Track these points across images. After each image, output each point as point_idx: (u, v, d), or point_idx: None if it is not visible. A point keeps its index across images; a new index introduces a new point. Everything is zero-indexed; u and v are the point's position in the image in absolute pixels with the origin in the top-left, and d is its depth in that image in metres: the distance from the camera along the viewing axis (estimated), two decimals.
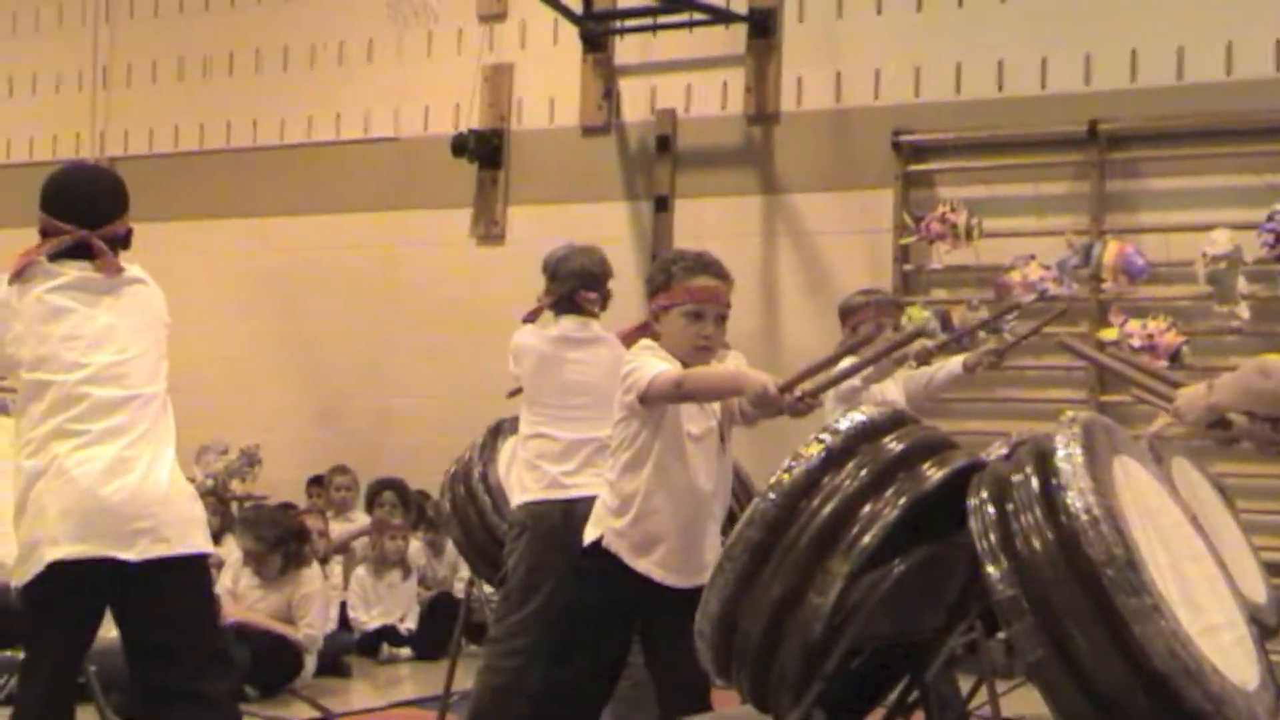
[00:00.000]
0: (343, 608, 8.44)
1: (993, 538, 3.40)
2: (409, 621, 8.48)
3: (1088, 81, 8.21)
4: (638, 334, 4.31)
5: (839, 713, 3.87)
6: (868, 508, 3.55)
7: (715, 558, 3.84)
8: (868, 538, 3.50)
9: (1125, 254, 7.87)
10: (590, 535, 4.23)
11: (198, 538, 4.05)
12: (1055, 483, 3.35)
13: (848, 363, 4.39)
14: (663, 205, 9.14)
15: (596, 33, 9.39)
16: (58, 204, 4.14)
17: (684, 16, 9.05)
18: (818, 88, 8.85)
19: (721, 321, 4.21)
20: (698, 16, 9.00)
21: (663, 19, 9.12)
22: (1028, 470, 3.44)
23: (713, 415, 4.21)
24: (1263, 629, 4.93)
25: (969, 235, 8.15)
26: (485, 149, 9.61)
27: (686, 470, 4.15)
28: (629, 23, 9.33)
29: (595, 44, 9.45)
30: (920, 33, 8.64)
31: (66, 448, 3.93)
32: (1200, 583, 3.63)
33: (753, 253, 8.87)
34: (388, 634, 8.37)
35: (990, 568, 3.38)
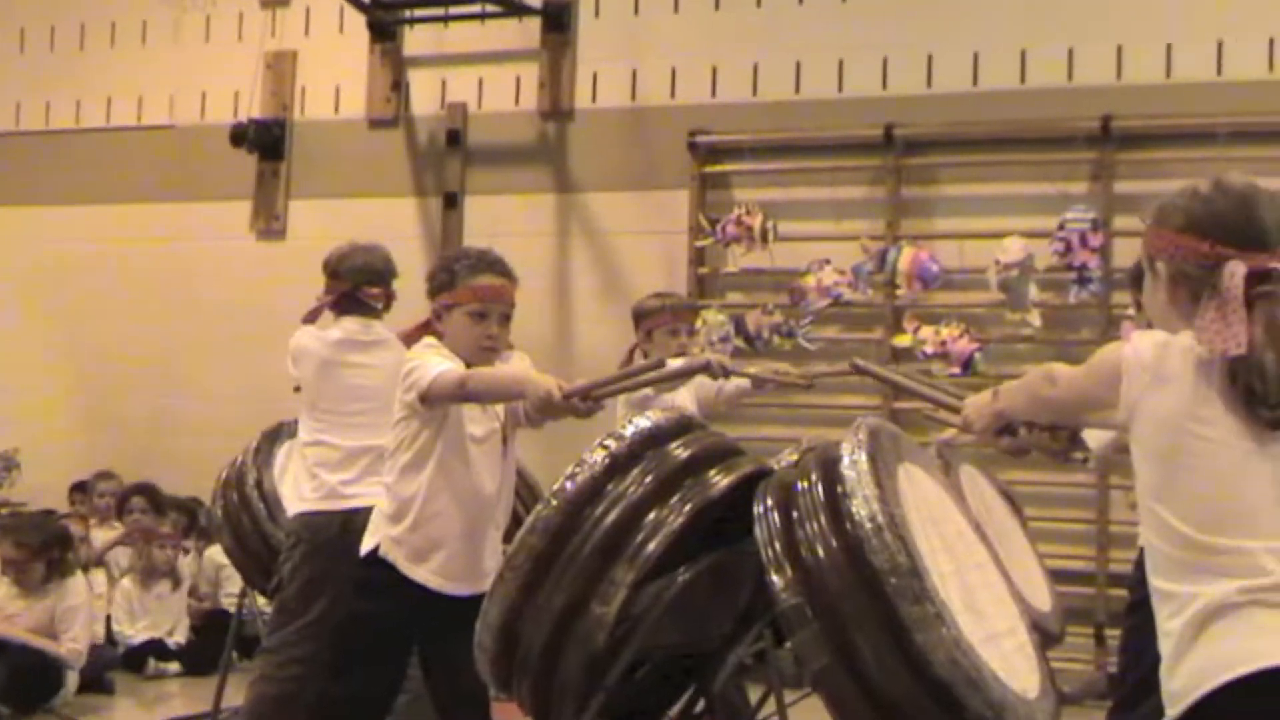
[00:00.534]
0: (107, 620, 8.23)
1: (778, 545, 3.47)
2: (178, 635, 8.31)
3: (884, 85, 8.40)
4: (420, 333, 4.29)
5: None
6: (653, 515, 3.59)
7: (497, 565, 3.84)
8: (652, 545, 3.54)
9: (920, 260, 8.06)
10: (367, 544, 4.19)
11: None
12: (840, 490, 3.43)
13: (637, 379, 4.43)
14: (452, 202, 9.11)
15: (385, 22, 9.33)
16: None
17: (476, 8, 9.03)
18: (613, 85, 8.91)
19: (506, 321, 4.22)
20: (490, 8, 8.99)
21: (454, 9, 9.09)
22: (813, 477, 3.51)
23: (495, 417, 4.21)
24: (1047, 637, 5.11)
25: (764, 238, 8.28)
26: (266, 140, 9.47)
27: (469, 473, 4.15)
28: (419, 12, 9.29)
29: (383, 33, 9.37)
30: (718, 32, 8.74)
31: None
32: (983, 590, 3.74)
33: (546, 252, 8.89)
34: (155, 648, 8.18)
35: (775, 576, 3.45)
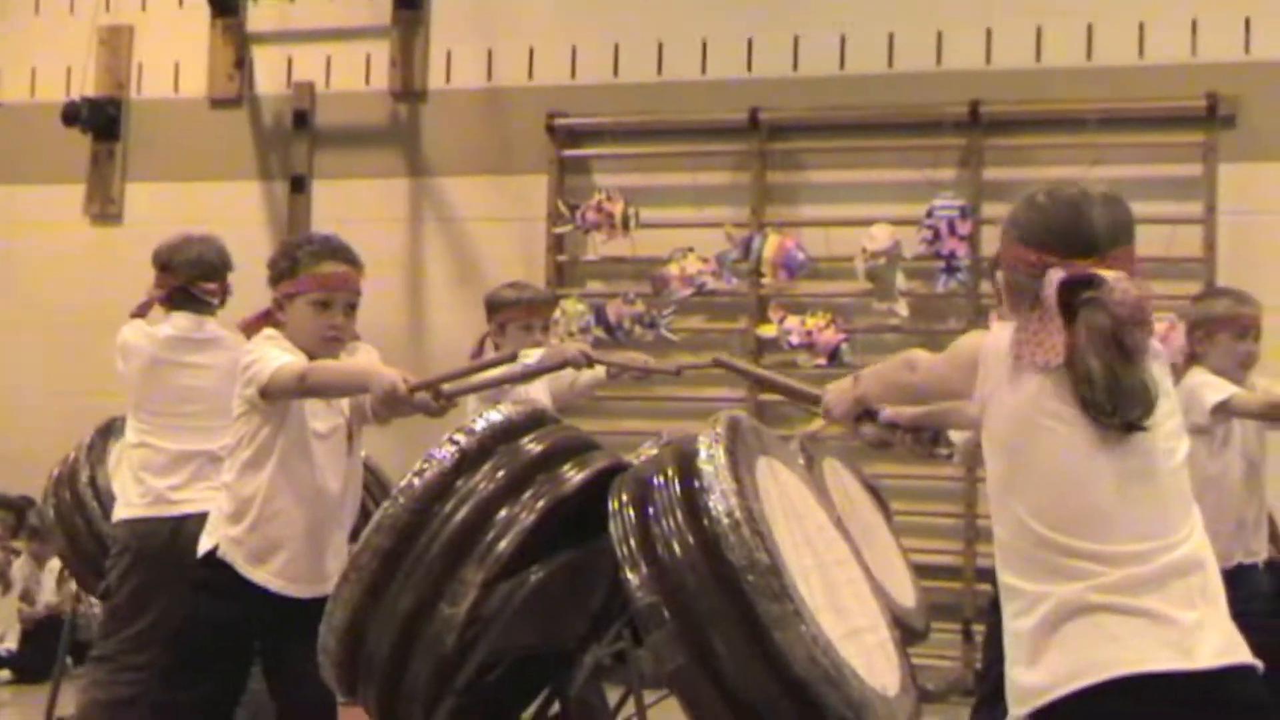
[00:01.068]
0: None
1: (633, 542, 3.49)
2: (9, 641, 8.17)
3: (749, 68, 8.45)
4: (260, 323, 4.24)
5: None
6: (504, 512, 3.60)
7: (342, 566, 3.82)
8: (504, 544, 3.55)
9: (785, 248, 8.13)
10: (204, 545, 4.15)
11: None
12: (697, 485, 3.46)
13: (489, 374, 4.42)
14: (299, 186, 9.02)
15: None
16: None
17: None
18: (468, 65, 8.88)
19: (351, 311, 4.18)
20: None
21: None
22: (670, 472, 3.54)
23: (340, 412, 4.18)
24: (911, 633, 5.19)
25: (625, 225, 8.30)
26: (100, 119, 9.31)
27: (312, 470, 4.11)
28: None
29: (225, 8, 9.25)
30: (577, 11, 8.75)
31: None
32: (844, 586, 3.80)
33: (398, 239, 8.85)
34: None
35: (630, 574, 3.47)
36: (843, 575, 3.85)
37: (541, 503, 3.61)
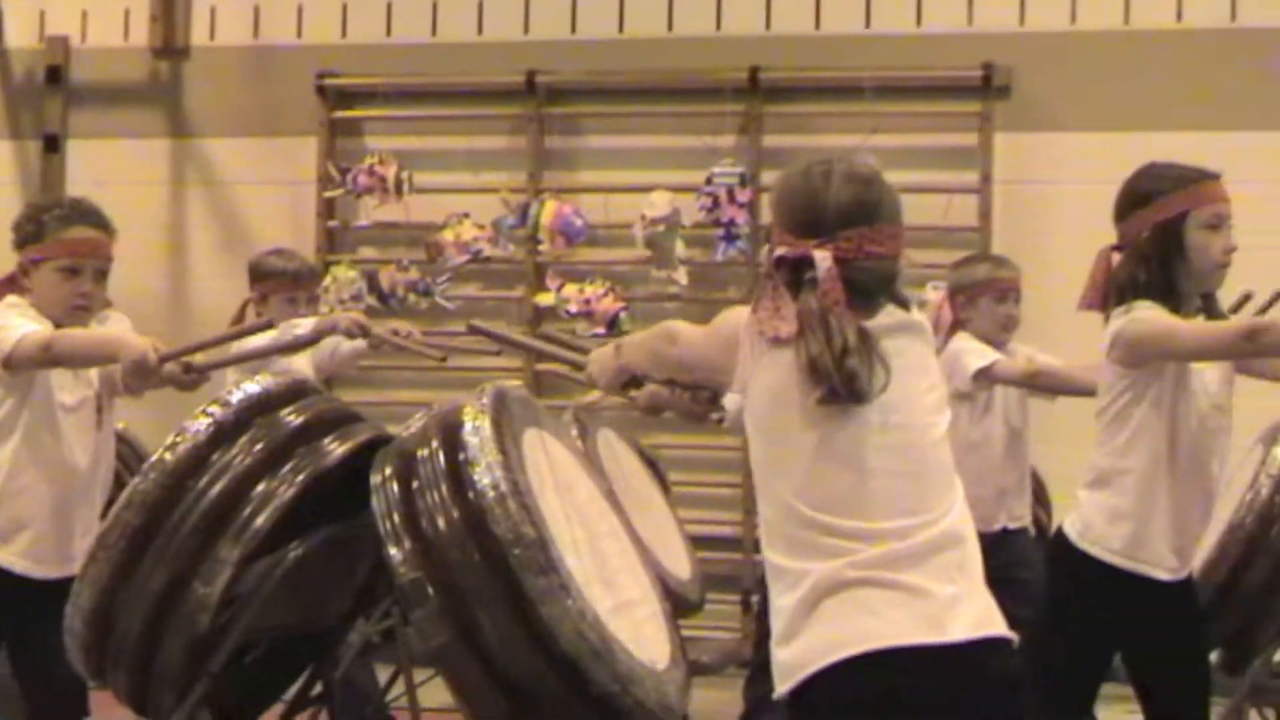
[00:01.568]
0: None
1: (396, 517, 3.48)
2: None
3: (526, 30, 8.43)
4: (3, 290, 4.12)
5: (233, 712, 3.85)
6: (261, 486, 3.56)
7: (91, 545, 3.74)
8: (261, 519, 3.51)
9: (563, 215, 8.14)
10: None
11: None
12: (462, 458, 3.45)
13: (251, 343, 4.36)
14: (53, 145, 8.76)
15: None
16: None
17: None
18: (233, 22, 8.70)
19: (102, 278, 4.09)
20: None
21: None
22: (434, 445, 3.52)
23: (89, 384, 4.09)
24: (685, 604, 5.25)
25: (399, 190, 8.23)
26: None
27: (59, 445, 4.02)
28: None
29: None
30: None
31: None
32: (614, 559, 3.83)
33: (159, 202, 8.65)
34: None
35: (393, 549, 3.46)
36: (613, 547, 3.88)
37: (301, 477, 3.58)
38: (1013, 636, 2.68)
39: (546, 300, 8.15)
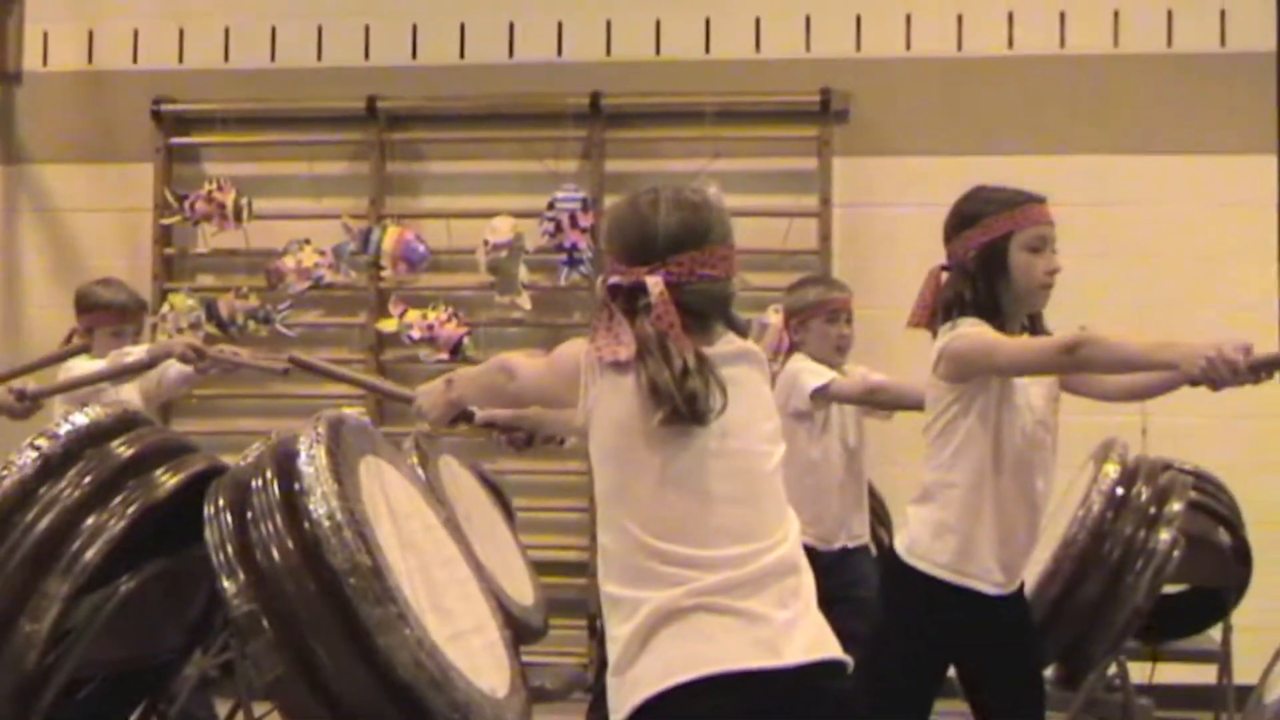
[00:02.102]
0: None
1: (229, 549, 3.44)
2: None
3: (367, 56, 8.39)
4: None
5: None
6: (91, 520, 3.50)
7: None
8: (90, 553, 3.46)
9: (406, 240, 8.10)
10: None
11: None
12: (297, 487, 3.42)
13: (81, 370, 4.29)
14: None
15: None
16: None
17: None
18: (67, 46, 8.56)
19: None
20: None
21: None
22: (268, 475, 3.49)
23: None
24: (529, 631, 5.24)
25: (238, 216, 8.14)
26: None
27: None
28: None
29: None
30: None
31: None
32: (451, 587, 3.81)
33: None
34: None
35: (227, 581, 3.42)
36: (450, 576, 3.87)
37: (132, 509, 3.53)
38: (847, 659, 2.71)
39: (389, 326, 8.11)
